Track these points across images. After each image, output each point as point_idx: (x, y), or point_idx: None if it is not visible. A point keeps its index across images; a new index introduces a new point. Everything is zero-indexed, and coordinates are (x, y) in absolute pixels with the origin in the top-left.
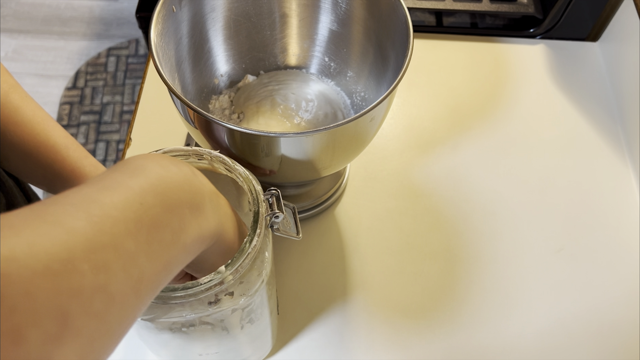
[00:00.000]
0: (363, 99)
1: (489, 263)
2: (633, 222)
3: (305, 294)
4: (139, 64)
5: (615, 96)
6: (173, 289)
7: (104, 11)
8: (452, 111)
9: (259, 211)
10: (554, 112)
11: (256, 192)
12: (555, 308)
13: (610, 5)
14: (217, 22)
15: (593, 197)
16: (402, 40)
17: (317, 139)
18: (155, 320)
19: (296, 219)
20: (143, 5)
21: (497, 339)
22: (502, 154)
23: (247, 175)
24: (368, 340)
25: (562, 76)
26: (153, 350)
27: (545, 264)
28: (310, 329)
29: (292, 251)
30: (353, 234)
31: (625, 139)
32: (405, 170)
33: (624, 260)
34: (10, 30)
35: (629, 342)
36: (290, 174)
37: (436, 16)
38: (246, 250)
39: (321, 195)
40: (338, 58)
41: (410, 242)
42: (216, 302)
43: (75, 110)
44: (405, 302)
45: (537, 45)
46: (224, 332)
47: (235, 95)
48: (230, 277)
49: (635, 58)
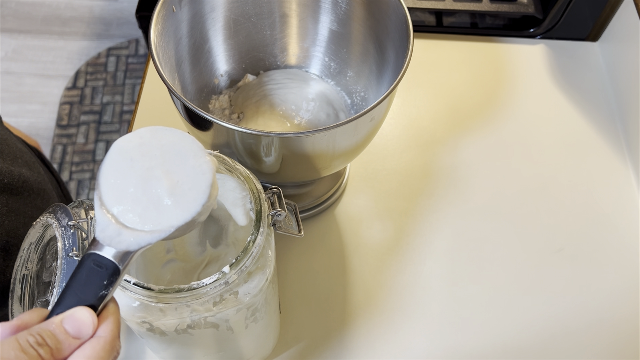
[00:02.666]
0: (363, 99)
1: (489, 263)
2: (633, 222)
3: (306, 293)
4: (139, 64)
5: (615, 96)
6: (178, 289)
7: (104, 11)
8: (452, 111)
9: (261, 210)
10: (554, 112)
11: (257, 191)
12: (555, 308)
13: (610, 5)
14: (217, 22)
15: (593, 197)
16: (402, 40)
17: (317, 139)
18: (160, 322)
19: (297, 217)
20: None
21: (497, 339)
22: (502, 153)
23: (248, 175)
24: (368, 340)
25: (562, 76)
26: (155, 350)
27: (545, 264)
28: (311, 328)
29: (292, 251)
30: (353, 234)
31: (625, 139)
32: (405, 170)
33: (624, 260)
34: (10, 30)
35: (629, 341)
36: (290, 174)
37: (436, 16)
38: (250, 249)
39: (321, 195)
40: (338, 58)
41: (410, 242)
42: (221, 302)
43: (75, 110)
44: (405, 302)
45: (537, 45)
46: (229, 332)
47: (234, 94)
48: (234, 277)
49: (635, 58)
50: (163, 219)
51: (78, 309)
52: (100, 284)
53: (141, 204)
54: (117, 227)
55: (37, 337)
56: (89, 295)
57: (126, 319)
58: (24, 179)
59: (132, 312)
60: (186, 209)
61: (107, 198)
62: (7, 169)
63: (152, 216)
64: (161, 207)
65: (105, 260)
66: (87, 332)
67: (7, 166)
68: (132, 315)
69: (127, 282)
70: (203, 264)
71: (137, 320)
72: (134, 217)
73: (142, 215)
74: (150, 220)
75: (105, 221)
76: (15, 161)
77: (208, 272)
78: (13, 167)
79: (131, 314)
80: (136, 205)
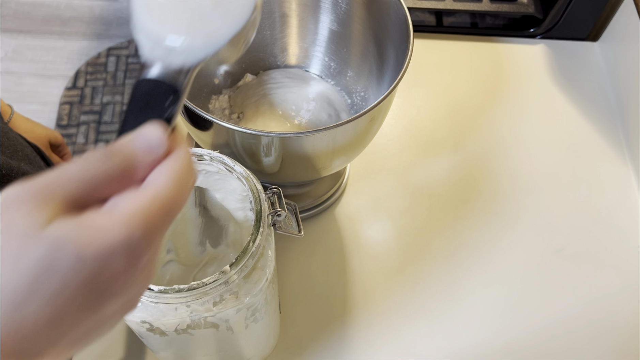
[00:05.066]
0: (363, 99)
1: (489, 263)
2: (633, 222)
3: (306, 293)
4: (139, 64)
5: (615, 96)
6: (178, 289)
7: (104, 11)
8: (452, 111)
9: (261, 210)
10: (554, 112)
11: (257, 191)
12: (555, 308)
13: (610, 5)
14: None
15: (593, 197)
16: (402, 40)
17: (317, 139)
18: (160, 322)
19: (297, 217)
20: None
21: (497, 339)
22: (501, 153)
23: (248, 175)
24: (368, 340)
25: (562, 76)
26: (155, 350)
27: (545, 264)
28: (310, 328)
29: (292, 251)
30: (353, 234)
31: (625, 139)
32: (405, 170)
33: (624, 260)
34: (10, 30)
35: (629, 342)
36: (290, 174)
37: (436, 16)
38: (250, 249)
39: (321, 195)
40: (338, 58)
41: (410, 242)
42: (221, 302)
43: (75, 110)
44: (405, 302)
45: (537, 45)
46: (229, 332)
47: (233, 94)
48: (234, 277)
49: (635, 58)
50: (212, 31)
51: (145, 127)
52: (161, 106)
53: (185, 20)
54: (165, 46)
55: (107, 154)
56: (153, 118)
57: (126, 318)
58: (23, 173)
59: (132, 312)
60: (234, 18)
61: (147, 20)
62: (6, 162)
63: (200, 29)
64: (207, 20)
65: (159, 83)
66: (158, 146)
67: (5, 159)
68: (132, 315)
69: None
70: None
71: (137, 320)
72: (180, 34)
73: (188, 30)
74: (199, 34)
75: (150, 42)
76: (15, 154)
77: (207, 272)
78: (12, 160)
79: (131, 314)
80: (180, 22)
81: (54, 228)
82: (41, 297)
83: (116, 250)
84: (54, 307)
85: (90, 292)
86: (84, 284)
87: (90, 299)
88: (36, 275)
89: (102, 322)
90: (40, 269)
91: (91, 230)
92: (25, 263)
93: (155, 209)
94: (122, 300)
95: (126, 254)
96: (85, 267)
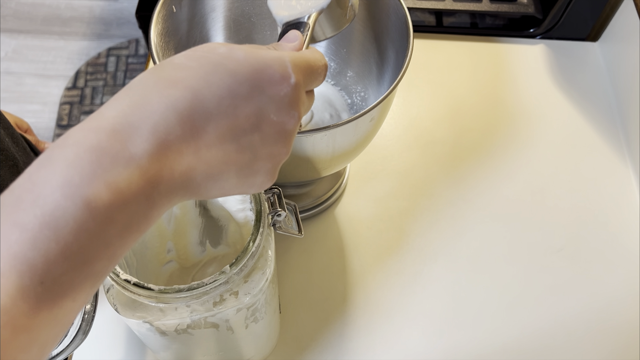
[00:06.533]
0: (363, 99)
1: (489, 263)
2: (633, 222)
3: (306, 293)
4: (139, 64)
5: (615, 96)
6: (178, 289)
7: (104, 11)
8: (452, 111)
9: (261, 210)
10: (554, 112)
11: None
12: (555, 308)
13: (610, 5)
14: (217, 22)
15: (593, 197)
16: (402, 40)
17: (317, 139)
18: (160, 322)
19: (297, 217)
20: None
21: (497, 339)
22: (501, 153)
23: None
24: (368, 341)
25: (562, 76)
26: (155, 350)
27: (545, 264)
28: (310, 328)
29: (292, 251)
30: (353, 234)
31: (625, 139)
32: (405, 170)
33: (624, 260)
34: (10, 30)
35: (629, 342)
36: (290, 174)
37: (436, 16)
38: (250, 249)
39: (321, 195)
40: (338, 58)
41: (410, 242)
42: (221, 302)
43: (75, 110)
44: (405, 302)
45: (537, 45)
46: (229, 332)
47: None
48: (234, 277)
49: (635, 58)
50: None
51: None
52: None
53: None
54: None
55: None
56: None
57: (126, 319)
58: (5, 147)
59: (132, 312)
60: None
61: None
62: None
63: None
64: None
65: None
66: (297, 39)
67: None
68: (132, 315)
69: (127, 282)
70: (202, 264)
71: (137, 320)
72: None
73: None
74: None
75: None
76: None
77: (207, 272)
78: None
79: (131, 314)
80: None
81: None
82: None
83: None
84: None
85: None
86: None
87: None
88: None
89: (259, 158)
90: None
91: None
92: None
93: (309, 55)
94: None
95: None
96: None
